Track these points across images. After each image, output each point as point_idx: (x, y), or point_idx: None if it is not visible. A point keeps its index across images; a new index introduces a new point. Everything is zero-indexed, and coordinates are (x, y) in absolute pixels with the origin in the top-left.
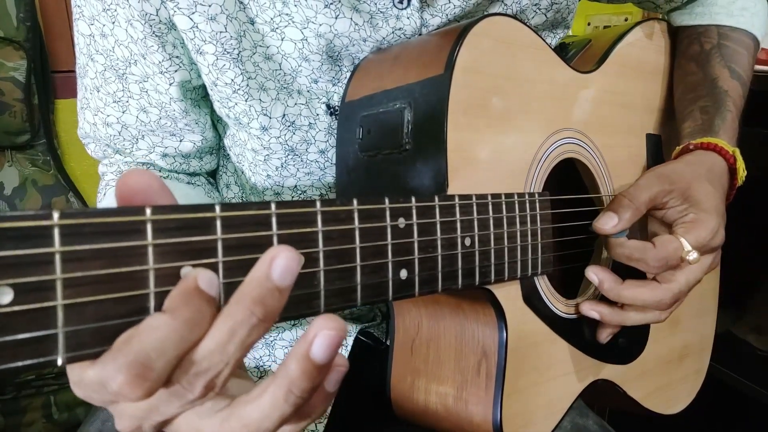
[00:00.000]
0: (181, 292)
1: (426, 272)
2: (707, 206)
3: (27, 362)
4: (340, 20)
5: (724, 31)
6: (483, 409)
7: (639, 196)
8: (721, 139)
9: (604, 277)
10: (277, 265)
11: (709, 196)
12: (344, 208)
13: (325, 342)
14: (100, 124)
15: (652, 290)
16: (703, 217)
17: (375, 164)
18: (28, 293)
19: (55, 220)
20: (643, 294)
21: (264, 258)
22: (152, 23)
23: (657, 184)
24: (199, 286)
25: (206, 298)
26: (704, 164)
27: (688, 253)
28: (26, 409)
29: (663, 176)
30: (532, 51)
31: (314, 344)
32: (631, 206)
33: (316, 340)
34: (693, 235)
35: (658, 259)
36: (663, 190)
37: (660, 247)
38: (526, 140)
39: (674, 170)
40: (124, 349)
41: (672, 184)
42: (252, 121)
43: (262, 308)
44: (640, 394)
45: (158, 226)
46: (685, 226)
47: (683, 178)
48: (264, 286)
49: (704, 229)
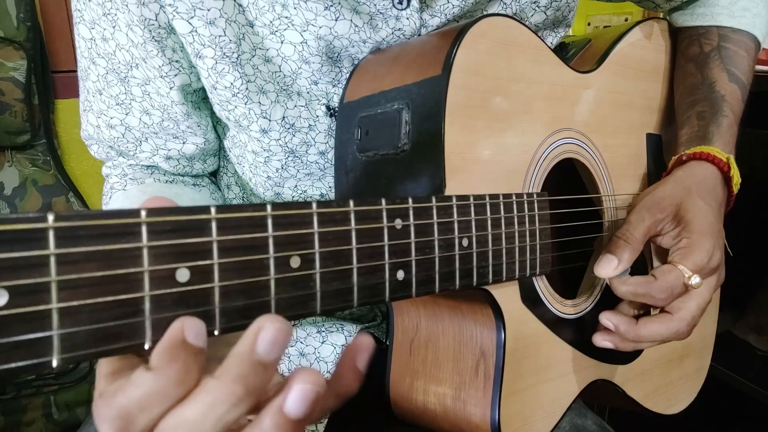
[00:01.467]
0: (168, 347)
1: (423, 273)
2: (700, 227)
3: (22, 363)
4: (340, 22)
5: (724, 33)
6: (481, 410)
7: (633, 233)
8: (715, 147)
9: (618, 321)
10: (263, 338)
11: (701, 214)
12: (340, 209)
13: (300, 396)
14: (104, 127)
15: (666, 323)
16: (696, 240)
17: (373, 165)
18: (23, 295)
19: (49, 223)
20: (660, 329)
21: (250, 329)
22: (152, 28)
23: (648, 216)
24: (186, 339)
25: (194, 351)
26: (695, 177)
27: (690, 278)
28: (26, 409)
29: (653, 206)
30: (531, 51)
31: (289, 398)
32: (627, 246)
33: (290, 394)
34: (690, 261)
35: (662, 290)
36: (655, 221)
37: (661, 278)
38: (524, 141)
39: (663, 196)
40: (110, 402)
41: (662, 212)
42: (252, 123)
43: (243, 387)
44: (640, 394)
45: (153, 228)
46: (680, 252)
47: (673, 201)
48: (247, 361)
49: (699, 252)
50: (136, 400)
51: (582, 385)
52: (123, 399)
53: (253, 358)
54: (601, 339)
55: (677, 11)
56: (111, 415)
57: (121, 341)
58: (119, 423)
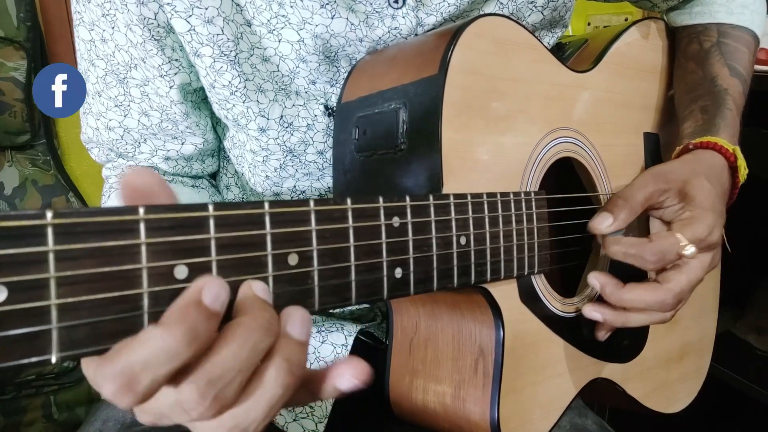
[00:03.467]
0: (182, 305)
1: (421, 271)
2: (704, 204)
3: (21, 360)
4: (336, 20)
5: (723, 29)
6: (480, 408)
7: (634, 195)
8: (721, 138)
9: (605, 281)
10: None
11: (706, 193)
12: (338, 207)
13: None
14: (103, 129)
15: (653, 291)
16: (699, 213)
17: (371, 165)
18: (22, 292)
19: (48, 220)
20: (645, 296)
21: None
22: (151, 27)
23: (652, 183)
24: (203, 300)
25: (207, 313)
26: (703, 162)
27: (685, 248)
28: (26, 409)
29: (659, 175)
30: (527, 51)
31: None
32: (626, 206)
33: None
34: (689, 231)
35: (654, 253)
36: (658, 189)
37: (656, 241)
38: (521, 140)
39: (671, 169)
40: (114, 359)
41: (668, 183)
42: (250, 122)
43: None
44: (640, 393)
45: (152, 225)
46: (681, 222)
47: (680, 177)
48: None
49: (701, 225)
50: (141, 357)
51: (581, 384)
52: (128, 355)
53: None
54: (591, 310)
55: (674, 11)
56: (114, 372)
57: (120, 338)
58: (122, 380)
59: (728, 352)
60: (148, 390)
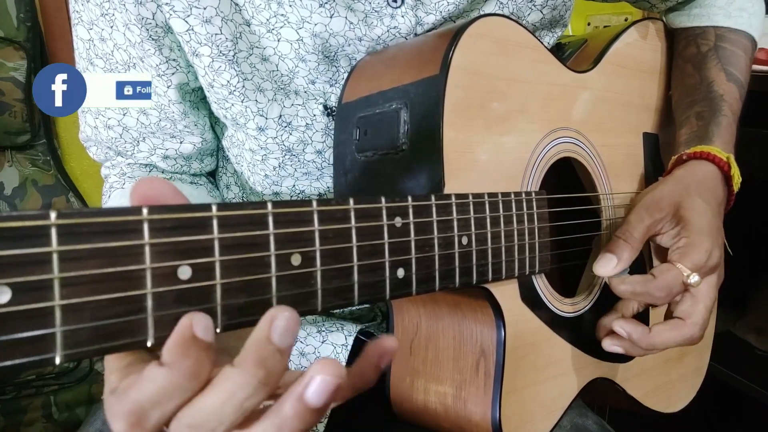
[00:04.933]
0: (179, 343)
1: (423, 271)
2: (699, 226)
3: (25, 360)
4: (335, 19)
5: (721, 33)
6: (482, 408)
7: (633, 233)
8: (715, 147)
9: (631, 329)
10: (277, 326)
11: (700, 213)
12: (340, 207)
13: (320, 386)
14: (101, 127)
15: (680, 330)
16: (695, 239)
17: (372, 165)
18: (26, 292)
19: (52, 220)
20: (674, 336)
21: (264, 319)
22: (149, 27)
23: (647, 216)
24: (196, 334)
25: (203, 346)
26: (695, 177)
27: (689, 277)
28: (26, 409)
29: (652, 206)
30: (528, 51)
31: (310, 387)
32: (627, 246)
33: (311, 384)
34: (689, 260)
35: (661, 289)
36: (654, 221)
37: (660, 276)
38: (522, 140)
39: (662, 195)
40: (123, 398)
41: (662, 211)
42: (249, 121)
43: (263, 371)
44: (640, 393)
45: (155, 225)
46: (679, 251)
47: (672, 201)
48: (265, 348)
49: (698, 251)
50: (149, 396)
51: (582, 384)
52: (136, 394)
53: (269, 344)
54: (611, 344)
55: (673, 12)
56: (124, 410)
57: (124, 338)
58: (132, 418)
59: (728, 352)
60: (157, 425)
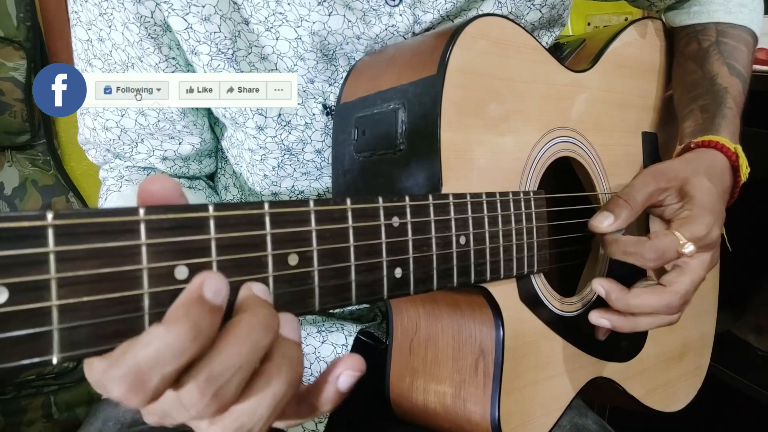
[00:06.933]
0: (184, 302)
1: (421, 271)
2: (703, 203)
3: (23, 361)
4: (334, 17)
5: (722, 28)
6: (481, 408)
7: (635, 195)
8: (722, 137)
9: (610, 287)
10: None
11: (706, 192)
12: (338, 207)
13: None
14: (100, 129)
15: (659, 295)
16: (697, 212)
17: (370, 165)
18: (23, 293)
19: (49, 221)
20: (651, 300)
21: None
22: (147, 25)
23: (653, 182)
24: (204, 295)
25: (209, 308)
26: (704, 161)
27: (684, 246)
28: (26, 409)
29: (659, 174)
30: (526, 51)
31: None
32: (627, 206)
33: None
34: (688, 229)
35: (653, 251)
36: (659, 188)
37: (655, 239)
38: (520, 140)
39: (671, 167)
40: (120, 360)
41: (668, 182)
42: (248, 120)
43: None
44: (640, 392)
45: (152, 225)
46: (680, 221)
47: (679, 175)
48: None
49: (699, 224)
50: (147, 356)
51: (581, 383)
52: (134, 356)
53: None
54: (597, 317)
55: (672, 10)
56: (122, 373)
57: (121, 338)
58: (131, 379)
59: (728, 352)
60: (158, 388)
